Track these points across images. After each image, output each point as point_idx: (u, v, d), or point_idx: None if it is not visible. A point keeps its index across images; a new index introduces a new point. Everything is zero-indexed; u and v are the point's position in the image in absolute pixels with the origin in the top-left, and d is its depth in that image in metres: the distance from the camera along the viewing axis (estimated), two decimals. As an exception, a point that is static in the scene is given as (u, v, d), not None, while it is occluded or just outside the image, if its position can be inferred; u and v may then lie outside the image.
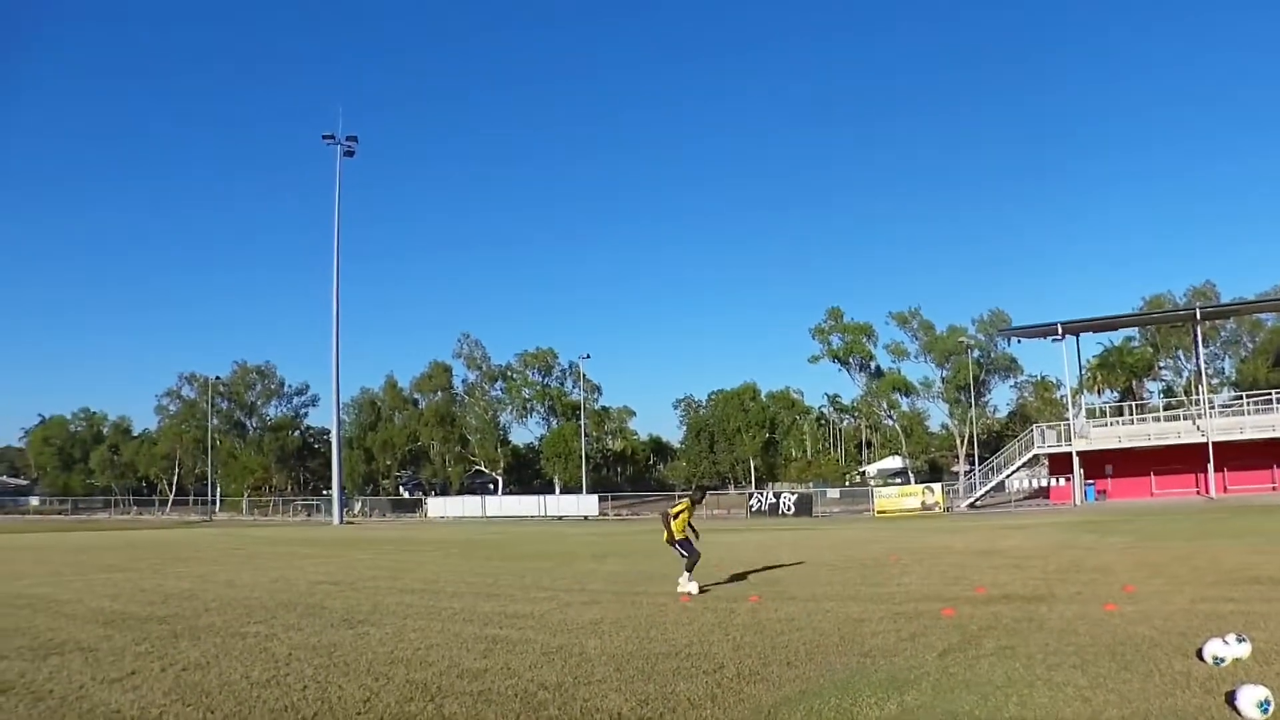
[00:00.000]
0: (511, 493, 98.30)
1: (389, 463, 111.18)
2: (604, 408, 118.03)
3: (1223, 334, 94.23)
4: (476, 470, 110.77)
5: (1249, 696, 7.42)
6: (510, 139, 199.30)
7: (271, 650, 11.78)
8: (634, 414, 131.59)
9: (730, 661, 10.34)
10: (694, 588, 16.55)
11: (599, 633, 12.63)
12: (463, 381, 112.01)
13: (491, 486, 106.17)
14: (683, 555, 16.86)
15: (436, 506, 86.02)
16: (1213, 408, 62.56)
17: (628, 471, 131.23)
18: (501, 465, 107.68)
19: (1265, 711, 7.30)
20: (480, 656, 10.98)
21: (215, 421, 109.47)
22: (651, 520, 64.03)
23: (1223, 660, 9.20)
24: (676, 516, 16.81)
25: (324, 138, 75.79)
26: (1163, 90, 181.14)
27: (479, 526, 56.53)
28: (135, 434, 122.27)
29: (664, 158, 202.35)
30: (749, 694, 8.83)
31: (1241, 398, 65.86)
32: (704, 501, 16.95)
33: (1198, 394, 69.65)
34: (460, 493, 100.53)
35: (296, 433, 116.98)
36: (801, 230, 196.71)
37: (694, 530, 17.25)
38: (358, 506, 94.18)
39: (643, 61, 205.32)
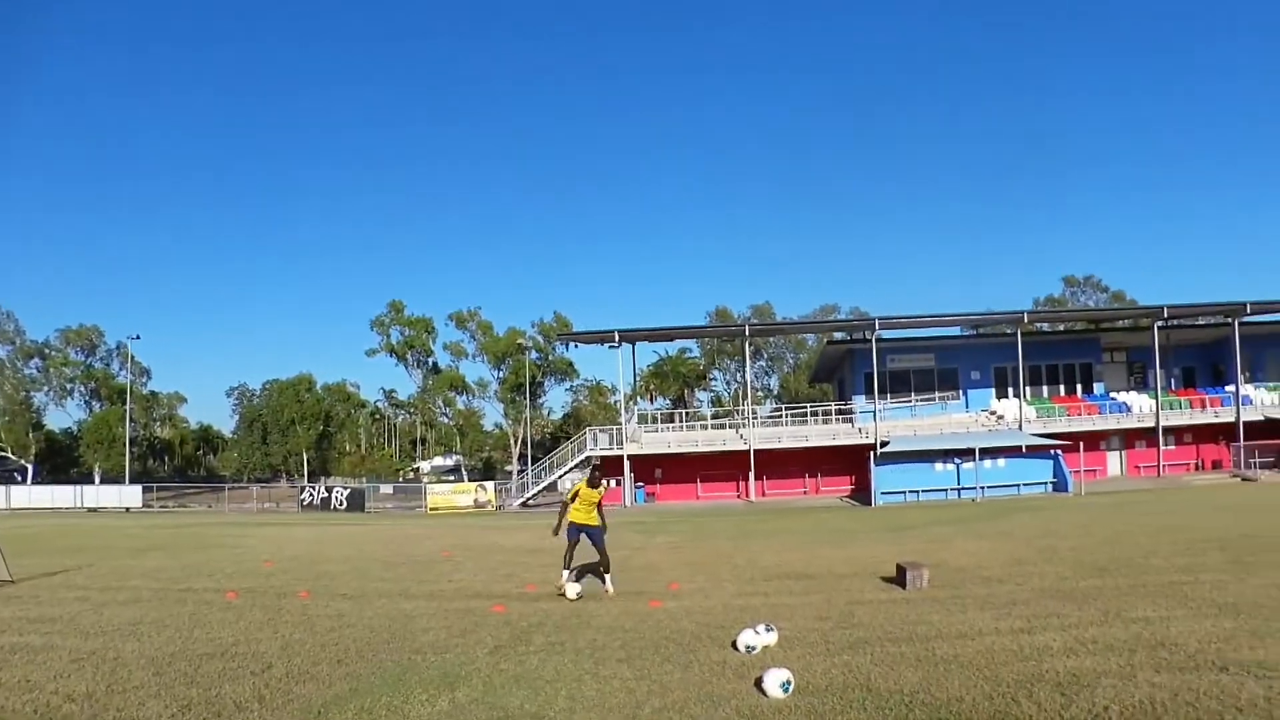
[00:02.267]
0: (44, 482, 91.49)
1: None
2: (153, 393, 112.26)
3: (771, 350, 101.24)
4: (2, 456, 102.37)
5: (773, 679, 8.29)
6: (56, 92, 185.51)
7: None
8: (185, 401, 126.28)
9: (279, 661, 10.09)
10: (573, 591, 14.66)
11: (137, 634, 11.95)
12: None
13: (19, 475, 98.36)
14: (569, 544, 15.06)
15: (-50, 497, 79.05)
16: (756, 418, 66.72)
17: (176, 461, 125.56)
18: (33, 451, 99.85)
19: (786, 690, 8.20)
20: (-6, 668, 10.10)
21: None
22: (200, 513, 61.58)
23: (754, 648, 10.02)
24: (574, 499, 15.30)
25: None
26: (726, 130, 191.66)
27: (1, 520, 52.30)
28: None
29: (221, 133, 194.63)
30: (299, 694, 8.65)
31: (781, 410, 70.60)
32: (601, 484, 15.27)
33: (743, 405, 74.15)
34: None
35: None
36: (362, 220, 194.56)
37: (601, 519, 15.54)
38: None
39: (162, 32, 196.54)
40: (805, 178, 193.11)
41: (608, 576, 15.25)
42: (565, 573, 14.96)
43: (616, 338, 61.64)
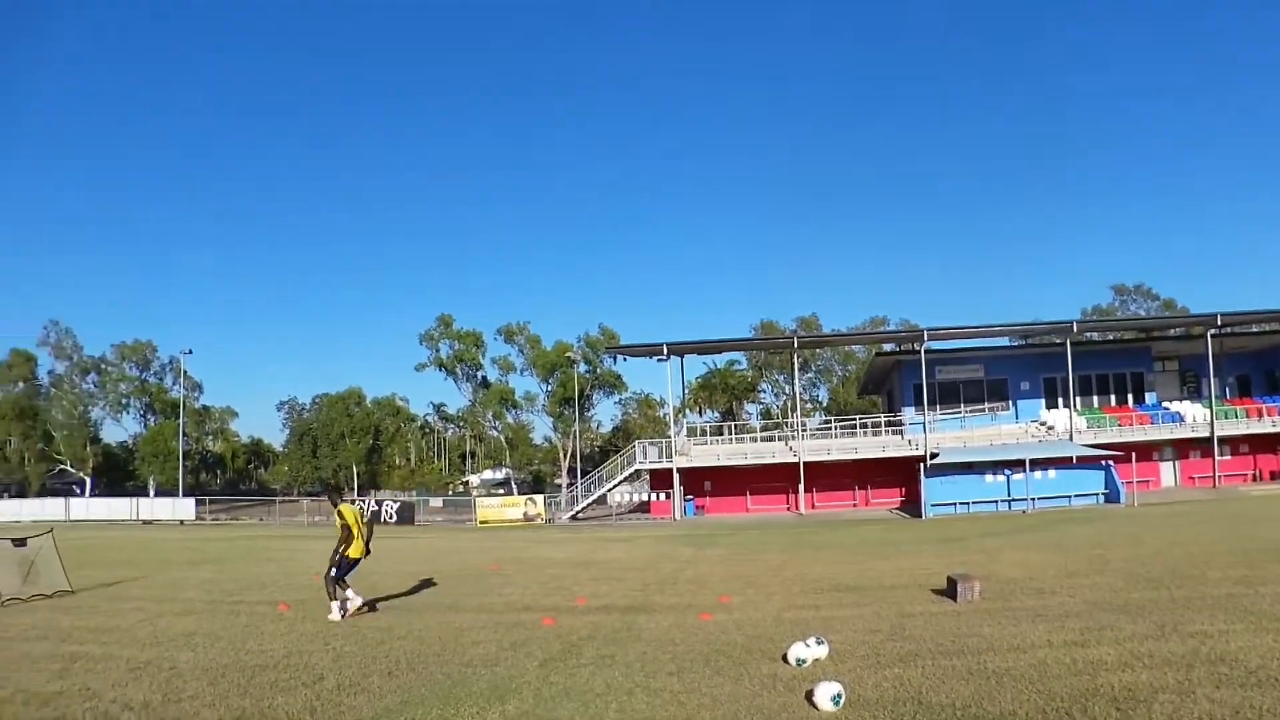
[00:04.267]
0: (101, 494, 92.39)
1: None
2: (205, 407, 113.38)
3: (819, 362, 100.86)
4: (61, 470, 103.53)
5: (824, 692, 8.24)
6: (111, 114, 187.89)
7: None
8: (236, 415, 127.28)
9: (330, 672, 10.18)
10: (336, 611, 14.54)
11: (192, 645, 12.11)
12: (49, 373, 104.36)
13: (77, 488, 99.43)
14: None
15: (11, 509, 79.65)
16: (805, 430, 66.38)
17: (228, 474, 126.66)
18: (91, 465, 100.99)
19: (837, 704, 8.13)
20: (55, 678, 10.25)
21: None
22: (251, 526, 62.07)
23: (804, 661, 9.97)
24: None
25: None
26: (768, 138, 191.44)
27: (60, 531, 52.71)
28: None
29: (271, 155, 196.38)
30: (350, 706, 8.71)
31: (830, 422, 70.30)
32: (337, 504, 14.95)
33: (792, 417, 73.88)
34: (41, 494, 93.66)
35: None
36: (410, 236, 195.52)
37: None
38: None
39: (213, 46, 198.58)
40: (847, 188, 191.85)
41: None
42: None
43: (665, 350, 61.55)
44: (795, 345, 71.62)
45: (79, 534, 44.56)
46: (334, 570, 14.70)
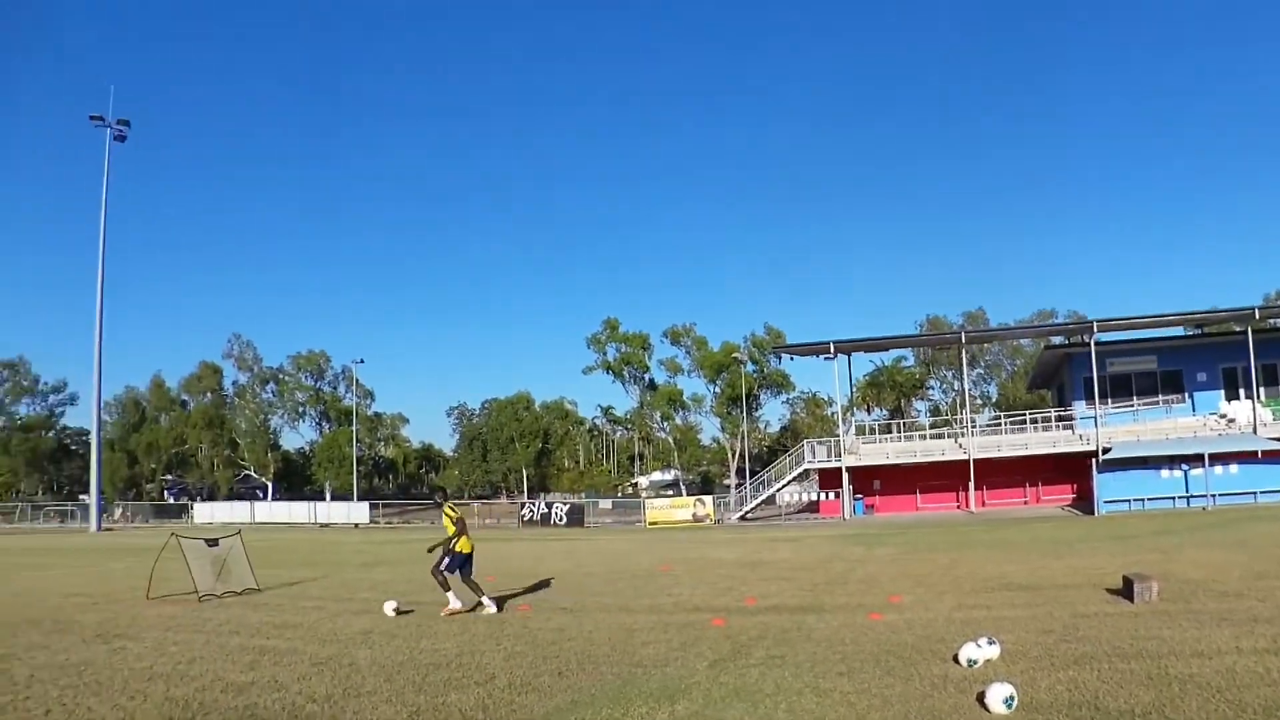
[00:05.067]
0: (281, 499, 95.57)
1: (154, 466, 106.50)
2: (377, 414, 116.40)
3: (988, 357, 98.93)
4: (246, 475, 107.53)
5: (996, 694, 8.04)
6: (284, 133, 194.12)
7: (10, 672, 11.04)
8: (407, 421, 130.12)
9: (502, 672, 10.34)
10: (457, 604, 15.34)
11: (369, 643, 12.45)
12: (233, 383, 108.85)
13: (261, 493, 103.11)
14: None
15: (203, 512, 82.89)
16: (974, 427, 65.18)
17: (400, 479, 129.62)
18: (272, 470, 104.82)
19: (1010, 707, 7.94)
20: (246, 669, 10.69)
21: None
22: (423, 529, 63.34)
23: (975, 662, 9.79)
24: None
25: (92, 119, 70.43)
26: (946, 136, 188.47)
27: (246, 533, 54.50)
28: None
29: (444, 163, 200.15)
30: (521, 704, 8.84)
31: (1000, 418, 69.00)
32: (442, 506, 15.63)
33: (961, 413, 72.64)
34: (229, 498, 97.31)
35: (51, 433, 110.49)
36: (580, 241, 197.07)
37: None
38: (118, 512, 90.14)
39: (415, 61, 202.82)
40: (1011, 179, 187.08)
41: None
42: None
43: (831, 349, 61.07)
44: (962, 341, 70.41)
45: (263, 536, 46.09)
46: (445, 561, 15.37)
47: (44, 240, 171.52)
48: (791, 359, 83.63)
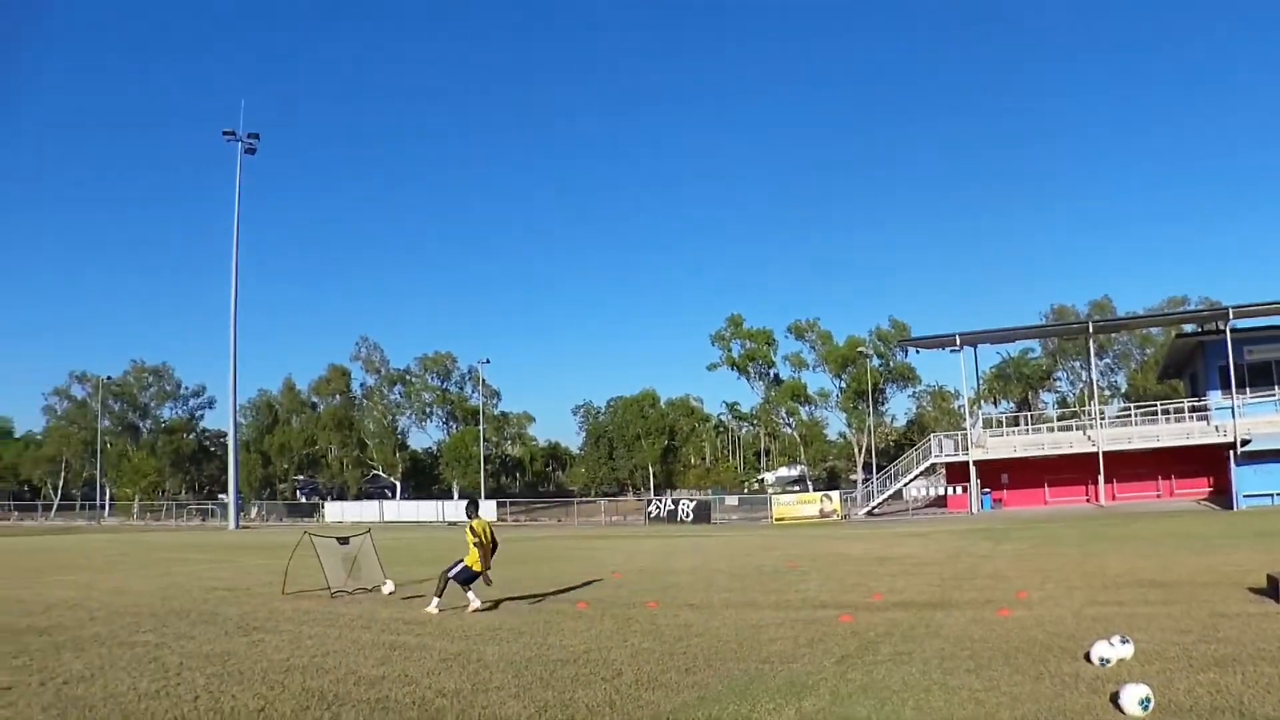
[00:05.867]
0: (410, 498, 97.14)
1: (286, 467, 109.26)
2: (503, 413, 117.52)
3: (1116, 347, 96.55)
4: (374, 475, 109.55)
5: (1131, 695, 7.74)
6: (408, 140, 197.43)
7: (161, 660, 11.50)
8: (533, 420, 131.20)
9: (628, 668, 10.36)
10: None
11: (497, 639, 12.58)
12: (361, 385, 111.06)
13: (389, 492, 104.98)
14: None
15: (334, 511, 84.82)
16: (1103, 419, 63.82)
17: (526, 477, 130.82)
18: (400, 470, 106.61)
19: (1145, 709, 7.63)
20: (378, 663, 10.88)
21: (106, 423, 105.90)
22: (550, 527, 64.01)
23: (1108, 661, 9.52)
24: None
25: (224, 134, 73.40)
26: (1065, 112, 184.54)
27: (375, 531, 55.35)
28: (18, 436, 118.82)
29: (565, 164, 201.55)
30: (647, 700, 8.85)
31: (1130, 409, 67.43)
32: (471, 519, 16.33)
33: (1090, 405, 71.16)
34: (358, 498, 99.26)
35: (192, 435, 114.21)
36: (702, 238, 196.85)
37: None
38: (254, 511, 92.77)
39: (545, 65, 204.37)
40: (1138, 161, 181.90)
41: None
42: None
43: (957, 341, 60.43)
44: (1090, 330, 68.86)
45: (392, 534, 46.91)
46: (454, 570, 15.83)
47: (184, 252, 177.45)
48: (917, 352, 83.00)
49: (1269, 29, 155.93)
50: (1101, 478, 54.64)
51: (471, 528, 16.04)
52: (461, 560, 15.87)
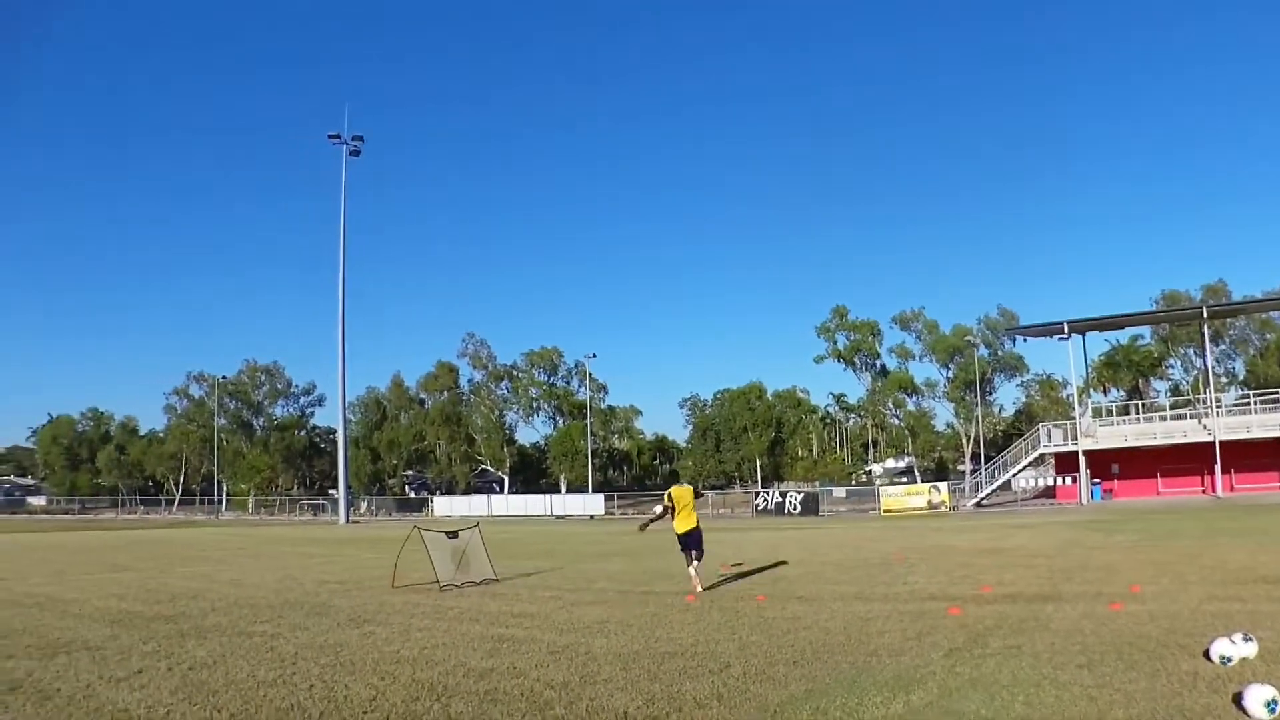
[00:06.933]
0: (518, 492, 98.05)
1: (395, 462, 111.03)
2: (610, 407, 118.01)
3: (1232, 332, 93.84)
4: (482, 470, 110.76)
5: (1257, 696, 7.31)
6: (516, 138, 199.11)
7: (278, 649, 11.82)
8: (640, 413, 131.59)
9: (736, 661, 10.32)
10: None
11: (605, 632, 12.63)
12: (469, 381, 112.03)
13: (497, 486, 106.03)
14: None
15: (443, 506, 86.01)
16: (1220, 407, 62.34)
17: (634, 471, 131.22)
18: (507, 464, 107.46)
19: (1273, 711, 7.19)
20: (486, 656, 10.99)
21: (222, 421, 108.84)
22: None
23: (1230, 660, 9.05)
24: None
25: (330, 137, 75.22)
26: (1172, 89, 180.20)
27: (484, 525, 55.87)
28: (142, 433, 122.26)
29: (670, 159, 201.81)
30: (755, 693, 8.81)
31: (1249, 397, 65.75)
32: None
33: (1205, 393, 69.49)
34: (466, 492, 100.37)
35: (303, 432, 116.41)
36: (806, 231, 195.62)
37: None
38: (364, 506, 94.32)
39: (654, 64, 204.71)
40: (1251, 134, 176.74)
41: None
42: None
43: (1065, 329, 59.48)
44: (1204, 316, 67.19)
45: (500, 528, 47.33)
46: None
47: (295, 253, 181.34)
48: (1025, 340, 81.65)
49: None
50: (1219, 468, 53.30)
51: (670, 494, 17.54)
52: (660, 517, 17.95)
